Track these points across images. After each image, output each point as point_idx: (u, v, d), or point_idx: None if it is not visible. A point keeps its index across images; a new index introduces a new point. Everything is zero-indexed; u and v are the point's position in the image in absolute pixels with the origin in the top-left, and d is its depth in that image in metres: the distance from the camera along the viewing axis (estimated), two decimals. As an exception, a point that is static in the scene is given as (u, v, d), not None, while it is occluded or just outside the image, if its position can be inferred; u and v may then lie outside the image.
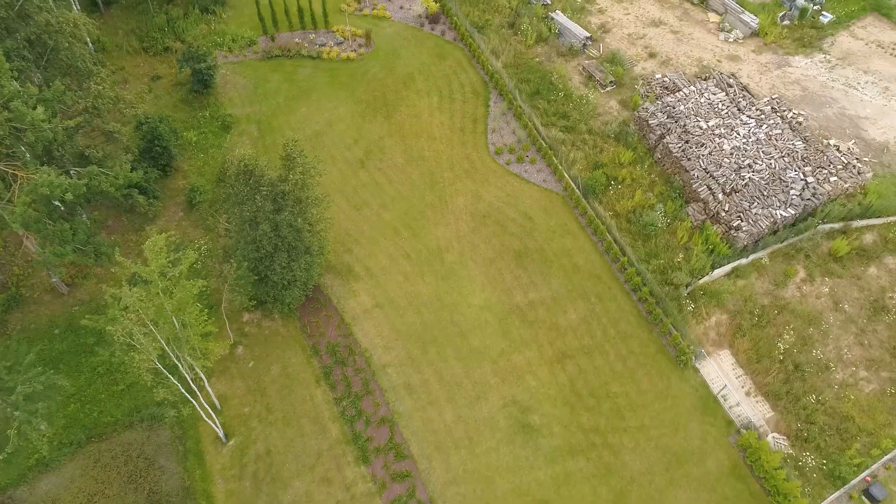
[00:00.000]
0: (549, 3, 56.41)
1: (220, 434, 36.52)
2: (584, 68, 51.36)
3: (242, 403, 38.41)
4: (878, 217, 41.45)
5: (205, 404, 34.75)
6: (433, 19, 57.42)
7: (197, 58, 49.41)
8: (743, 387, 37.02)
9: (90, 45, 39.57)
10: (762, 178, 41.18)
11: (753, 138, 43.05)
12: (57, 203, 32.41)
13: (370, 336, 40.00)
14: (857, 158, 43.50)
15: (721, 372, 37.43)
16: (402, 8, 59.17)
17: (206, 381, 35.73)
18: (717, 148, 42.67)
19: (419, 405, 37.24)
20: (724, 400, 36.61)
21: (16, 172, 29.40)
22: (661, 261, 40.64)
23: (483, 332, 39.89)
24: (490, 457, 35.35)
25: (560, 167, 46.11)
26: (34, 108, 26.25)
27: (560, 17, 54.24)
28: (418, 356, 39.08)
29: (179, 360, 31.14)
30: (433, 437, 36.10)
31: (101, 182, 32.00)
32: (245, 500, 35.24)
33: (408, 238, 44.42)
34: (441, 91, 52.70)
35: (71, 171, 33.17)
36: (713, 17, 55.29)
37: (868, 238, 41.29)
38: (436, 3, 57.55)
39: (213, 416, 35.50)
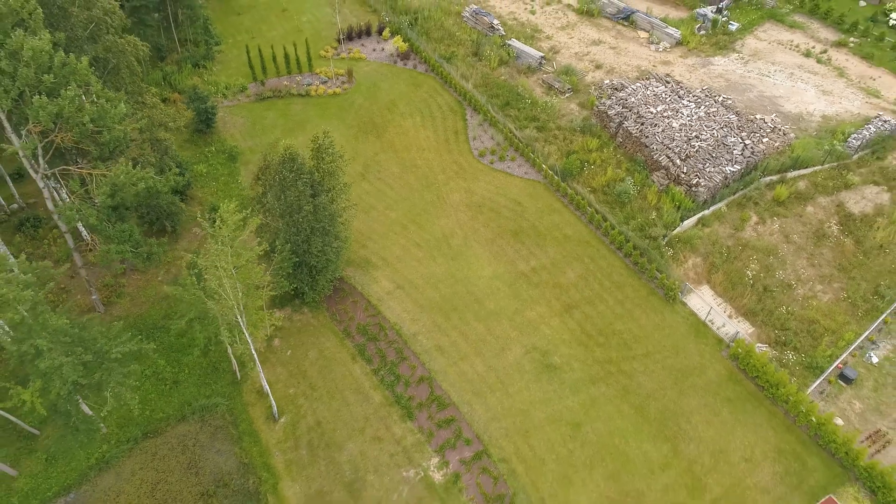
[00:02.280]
0: (504, 33, 65.17)
1: (274, 409, 39.38)
2: (543, 81, 59.52)
3: (287, 386, 41.43)
4: (806, 168, 49.78)
5: (261, 373, 37.85)
6: (404, 56, 65.02)
7: (201, 98, 54.64)
8: (725, 311, 43.12)
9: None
10: (709, 144, 49.08)
11: (696, 116, 51.32)
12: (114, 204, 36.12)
13: (397, 312, 44.28)
14: (780, 126, 52.30)
15: (704, 302, 43.51)
16: (374, 50, 66.67)
17: (256, 359, 38.81)
18: (668, 126, 50.62)
19: (452, 361, 41.43)
20: (712, 323, 42.52)
21: (90, 172, 33.36)
22: (638, 220, 47.25)
23: (496, 296, 44.89)
24: (523, 394, 39.67)
25: (538, 160, 52.96)
26: (115, 107, 30.79)
27: (516, 43, 62.86)
28: (443, 323, 43.54)
29: (243, 324, 34.50)
30: (469, 386, 40.20)
31: (156, 183, 36.18)
32: (304, 466, 37.89)
33: (415, 231, 49.60)
34: (422, 112, 59.55)
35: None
36: (643, 34, 65.26)
37: (801, 185, 49.37)
38: (405, 42, 65.39)
39: (268, 388, 38.55)
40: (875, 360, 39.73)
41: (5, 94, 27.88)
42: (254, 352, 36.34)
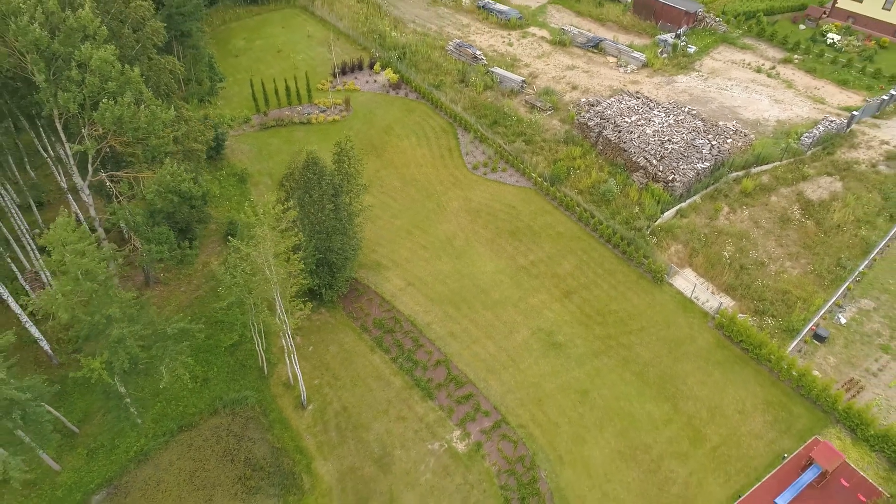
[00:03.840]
0: (487, 62, 71.24)
1: (303, 396, 42.05)
2: (526, 101, 65.25)
3: (311, 378, 44.20)
4: (767, 164, 55.65)
5: (294, 357, 40.69)
6: (395, 86, 70.42)
7: (212, 126, 58.64)
8: (707, 289, 47.66)
9: None
10: (680, 146, 54.70)
11: (666, 124, 57.16)
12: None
13: (410, 306, 47.76)
14: (741, 129, 58.43)
15: (688, 282, 48.04)
16: (367, 82, 72.00)
17: (290, 337, 40.91)
18: (643, 133, 56.26)
19: (465, 345, 44.86)
20: (697, 299, 46.93)
21: (137, 176, 36.85)
22: (623, 215, 52.08)
23: (500, 287, 48.76)
24: (533, 369, 43.18)
25: (527, 169, 57.93)
26: (165, 112, 34.61)
27: (498, 70, 68.83)
28: (454, 312, 47.11)
29: (279, 304, 37.53)
30: (483, 365, 43.58)
31: (191, 188, 39.78)
32: (335, 446, 40.47)
33: (420, 235, 53.59)
34: (417, 133, 64.50)
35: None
36: (611, 59, 72.01)
37: (764, 178, 55.09)
38: (395, 74, 70.90)
39: (299, 374, 41.34)
40: (843, 320, 44.44)
41: (73, 100, 31.62)
42: (289, 331, 39.19)
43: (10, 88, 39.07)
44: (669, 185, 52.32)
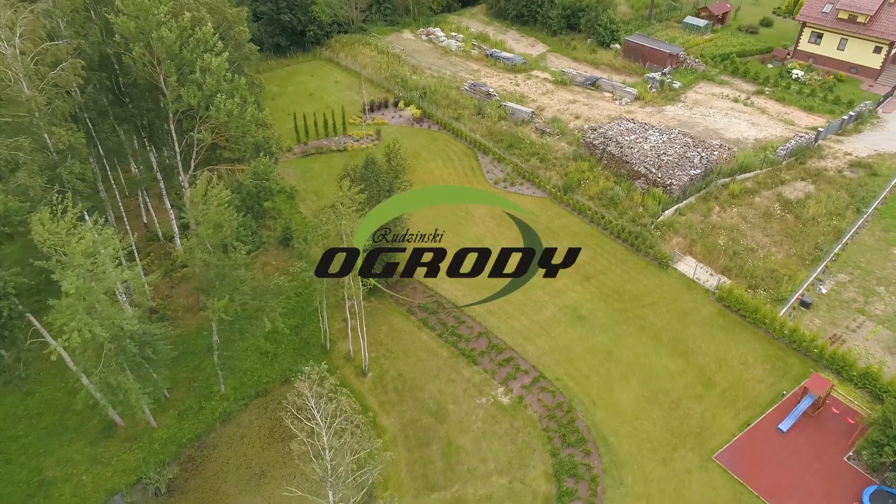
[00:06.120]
0: (499, 98, 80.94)
1: (365, 363, 48.19)
2: (537, 128, 74.42)
3: (368, 351, 50.32)
4: (749, 171, 64.52)
5: (361, 319, 47.00)
6: (419, 120, 79.56)
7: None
8: (706, 271, 55.17)
9: None
10: (674, 158, 63.49)
11: (661, 141, 66.21)
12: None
13: (450, 291, 54.61)
14: (725, 145, 67.63)
15: (689, 267, 55.56)
16: (393, 117, 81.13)
17: (361, 302, 46.91)
18: (641, 148, 65.15)
19: (502, 319, 51.57)
20: (699, 280, 54.34)
21: (232, 168, 44.36)
22: (630, 215, 60.09)
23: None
24: (563, 336, 49.86)
25: (543, 182, 66.24)
26: (262, 111, 42.52)
27: (510, 104, 78.44)
28: (489, 294, 53.96)
29: (352, 281, 44.33)
30: (520, 334, 50.20)
31: (272, 185, 47.28)
32: (395, 404, 46.43)
33: (452, 237, 60.78)
34: (442, 157, 73.03)
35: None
36: (607, 94, 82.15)
37: (748, 184, 63.77)
38: (419, 109, 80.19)
39: (363, 338, 47.64)
40: (824, 290, 51.96)
41: (194, 96, 39.54)
42: (360, 295, 45.44)
43: (120, 103, 47.16)
44: (668, 188, 60.68)
